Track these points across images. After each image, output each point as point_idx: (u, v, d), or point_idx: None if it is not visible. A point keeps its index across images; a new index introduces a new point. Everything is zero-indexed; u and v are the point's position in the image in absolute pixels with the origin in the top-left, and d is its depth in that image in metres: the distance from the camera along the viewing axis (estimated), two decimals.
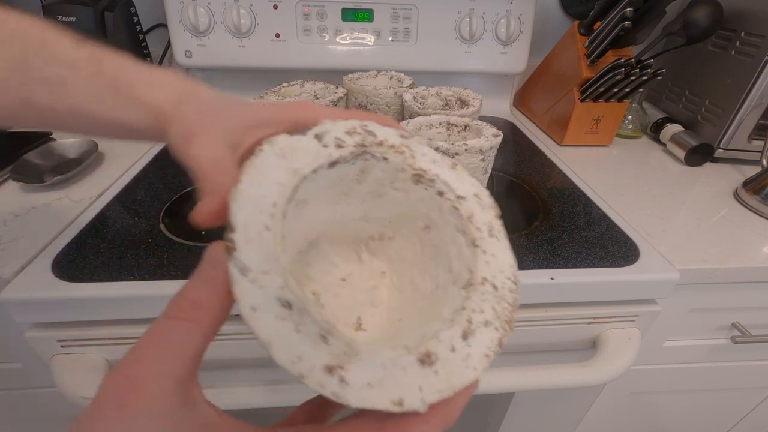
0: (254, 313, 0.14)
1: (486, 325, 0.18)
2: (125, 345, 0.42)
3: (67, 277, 0.39)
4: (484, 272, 0.19)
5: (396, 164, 0.21)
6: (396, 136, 0.21)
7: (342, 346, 0.15)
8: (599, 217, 0.53)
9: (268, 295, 0.15)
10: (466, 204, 0.21)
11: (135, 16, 0.74)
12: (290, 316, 0.14)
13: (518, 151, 0.73)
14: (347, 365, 0.14)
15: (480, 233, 0.20)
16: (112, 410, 0.13)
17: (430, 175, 0.21)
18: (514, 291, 0.19)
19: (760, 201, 0.58)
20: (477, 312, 0.18)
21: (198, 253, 0.43)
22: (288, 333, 0.14)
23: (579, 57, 0.72)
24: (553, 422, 0.65)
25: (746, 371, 0.64)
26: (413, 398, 0.15)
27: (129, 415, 0.13)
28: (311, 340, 0.14)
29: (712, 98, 0.73)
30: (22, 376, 0.50)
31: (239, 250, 0.15)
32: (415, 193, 0.21)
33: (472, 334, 0.17)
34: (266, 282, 0.15)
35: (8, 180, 0.56)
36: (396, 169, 0.21)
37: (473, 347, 0.17)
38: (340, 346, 0.15)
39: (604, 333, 0.48)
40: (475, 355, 0.17)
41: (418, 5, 0.80)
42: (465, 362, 0.16)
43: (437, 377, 0.16)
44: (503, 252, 0.21)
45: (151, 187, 0.56)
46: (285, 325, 0.14)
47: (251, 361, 0.46)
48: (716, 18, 0.66)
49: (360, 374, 0.15)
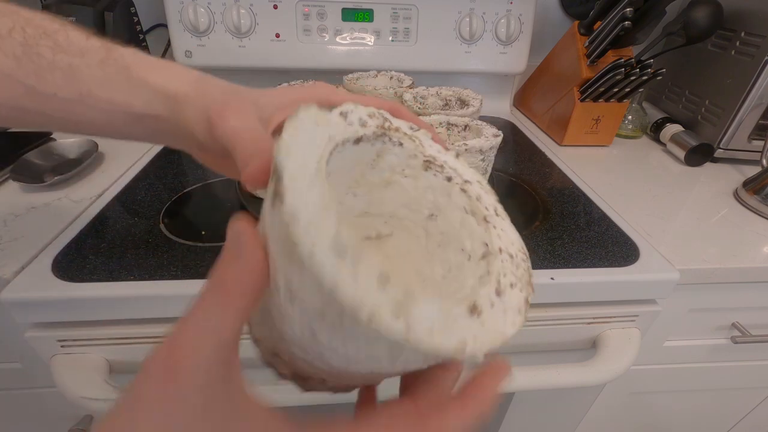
0: (313, 259, 0.14)
1: (512, 287, 0.18)
2: (125, 345, 0.42)
3: (67, 277, 0.39)
4: (498, 244, 0.20)
5: (409, 150, 0.22)
6: (407, 127, 0.23)
7: (400, 292, 0.14)
8: (599, 217, 0.53)
9: (322, 242, 0.14)
10: (473, 187, 0.22)
11: (135, 16, 0.74)
12: (346, 263, 0.14)
13: (518, 151, 0.73)
14: (409, 310, 0.14)
15: (488, 212, 0.21)
16: (159, 372, 0.14)
17: (440, 161, 0.22)
18: (526, 260, 0.20)
19: (760, 201, 0.58)
20: (502, 275, 0.18)
21: (198, 253, 0.43)
22: (349, 279, 0.14)
23: (579, 57, 0.72)
24: (553, 422, 0.65)
25: (746, 371, 0.64)
26: (471, 346, 0.15)
27: (175, 377, 0.13)
28: (370, 286, 0.14)
29: (712, 98, 0.73)
30: (22, 376, 0.50)
31: (289, 199, 0.14)
32: (424, 180, 0.22)
33: (503, 293, 0.18)
34: (319, 229, 0.14)
35: (8, 180, 0.56)
36: (409, 155, 0.22)
37: (507, 303, 0.17)
38: (399, 292, 0.14)
39: (604, 333, 0.48)
40: (510, 310, 0.17)
41: (418, 5, 0.80)
42: (504, 316, 0.17)
43: (484, 328, 0.16)
44: (510, 228, 0.21)
45: (151, 187, 0.56)
46: (344, 271, 0.14)
47: (251, 361, 0.45)
48: (716, 18, 0.66)
49: (421, 320, 0.14)
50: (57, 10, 0.64)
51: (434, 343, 0.14)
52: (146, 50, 0.78)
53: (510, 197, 0.57)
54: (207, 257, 0.43)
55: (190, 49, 0.79)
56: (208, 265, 0.41)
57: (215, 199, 0.53)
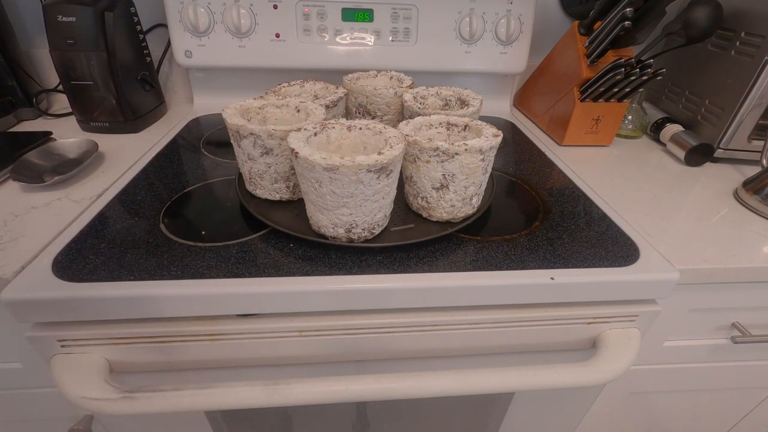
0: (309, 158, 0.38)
1: (392, 147, 0.41)
2: (125, 345, 0.42)
3: (67, 277, 0.39)
4: (388, 136, 0.44)
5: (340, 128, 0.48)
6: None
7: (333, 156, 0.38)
8: (599, 217, 0.53)
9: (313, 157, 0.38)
10: (378, 128, 0.46)
11: (135, 16, 0.74)
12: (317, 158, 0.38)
13: (518, 151, 0.73)
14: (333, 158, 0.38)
15: (386, 132, 0.45)
16: None
17: (359, 125, 0.47)
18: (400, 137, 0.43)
19: (760, 201, 0.58)
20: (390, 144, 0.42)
21: (198, 253, 0.43)
22: (318, 158, 0.38)
23: (579, 57, 0.72)
24: (553, 422, 0.65)
25: (746, 371, 0.64)
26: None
27: None
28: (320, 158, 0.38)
29: (712, 98, 0.73)
30: (22, 376, 0.50)
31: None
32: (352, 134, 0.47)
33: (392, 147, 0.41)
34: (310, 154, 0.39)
35: (8, 180, 0.56)
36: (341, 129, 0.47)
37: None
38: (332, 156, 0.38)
39: (604, 333, 0.48)
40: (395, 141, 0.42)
41: (418, 5, 0.80)
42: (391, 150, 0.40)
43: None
44: (394, 129, 0.46)
45: (151, 187, 0.56)
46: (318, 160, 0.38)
47: (251, 361, 0.46)
48: (716, 18, 0.66)
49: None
50: (57, 10, 0.64)
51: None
52: (146, 50, 0.78)
53: (510, 197, 0.57)
54: (207, 257, 0.43)
55: (190, 49, 0.79)
56: (208, 265, 0.41)
57: (215, 199, 0.53)
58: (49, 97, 0.86)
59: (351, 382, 0.41)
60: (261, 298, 0.40)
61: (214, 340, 0.43)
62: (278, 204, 0.51)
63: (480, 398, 0.58)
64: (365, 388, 0.41)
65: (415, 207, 0.49)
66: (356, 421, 0.59)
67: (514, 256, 0.45)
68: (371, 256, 0.44)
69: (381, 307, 0.43)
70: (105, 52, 0.67)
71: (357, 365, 0.50)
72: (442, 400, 0.57)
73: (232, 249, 0.44)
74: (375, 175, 0.39)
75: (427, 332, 0.45)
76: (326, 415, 0.57)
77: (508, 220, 0.51)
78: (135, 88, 0.75)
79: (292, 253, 0.44)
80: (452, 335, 0.46)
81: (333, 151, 0.46)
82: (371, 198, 0.41)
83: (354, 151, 0.46)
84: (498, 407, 0.60)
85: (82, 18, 0.65)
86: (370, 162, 0.37)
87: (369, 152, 0.45)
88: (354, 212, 0.41)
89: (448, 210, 0.47)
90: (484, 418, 0.61)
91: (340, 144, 0.46)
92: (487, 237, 0.48)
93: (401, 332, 0.45)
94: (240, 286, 0.39)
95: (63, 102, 0.84)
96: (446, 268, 0.43)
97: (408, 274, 0.42)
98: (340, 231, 0.43)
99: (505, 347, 0.48)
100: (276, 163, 0.47)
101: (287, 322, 0.43)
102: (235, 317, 0.43)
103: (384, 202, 0.43)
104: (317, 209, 0.42)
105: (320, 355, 0.46)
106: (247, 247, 0.44)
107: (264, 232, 0.47)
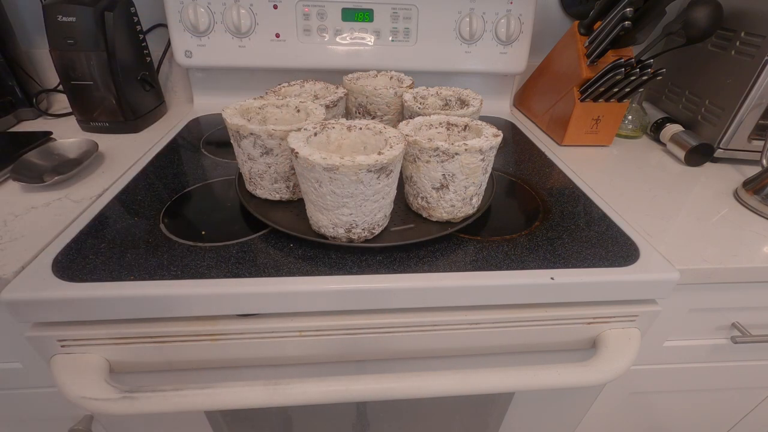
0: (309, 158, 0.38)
1: (392, 147, 0.41)
2: (125, 345, 0.42)
3: (67, 277, 0.39)
4: (388, 136, 0.44)
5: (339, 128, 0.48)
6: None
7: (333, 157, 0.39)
8: (599, 217, 0.53)
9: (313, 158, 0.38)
10: (378, 128, 0.46)
11: (135, 16, 0.74)
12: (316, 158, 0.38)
13: (518, 151, 0.73)
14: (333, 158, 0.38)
15: (386, 132, 0.45)
16: None
17: (359, 125, 0.47)
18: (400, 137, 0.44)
19: (760, 201, 0.58)
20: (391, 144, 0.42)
21: (198, 253, 0.43)
22: (317, 157, 0.38)
23: (579, 57, 0.72)
24: (553, 422, 0.65)
25: (746, 371, 0.64)
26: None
27: None
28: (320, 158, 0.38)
29: (712, 98, 0.73)
30: (22, 376, 0.50)
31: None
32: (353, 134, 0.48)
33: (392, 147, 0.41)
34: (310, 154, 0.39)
35: (8, 180, 0.56)
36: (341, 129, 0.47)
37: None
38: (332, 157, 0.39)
39: (604, 333, 0.48)
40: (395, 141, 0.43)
41: (418, 5, 0.80)
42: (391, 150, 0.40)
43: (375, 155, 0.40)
44: (394, 129, 0.46)
45: (151, 187, 0.56)
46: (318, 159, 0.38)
47: (251, 361, 0.46)
48: (716, 18, 0.66)
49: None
50: (57, 10, 0.64)
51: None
52: (146, 50, 0.78)
53: (510, 197, 0.57)
54: (207, 257, 0.43)
55: (190, 49, 0.79)
56: (208, 265, 0.41)
57: (215, 199, 0.53)
58: (49, 97, 0.86)
59: (351, 382, 0.41)
60: (261, 298, 0.40)
61: (215, 340, 0.43)
62: (278, 204, 0.51)
63: (480, 398, 0.58)
64: (365, 388, 0.41)
65: (415, 207, 0.49)
66: (356, 421, 0.59)
67: (514, 256, 0.45)
68: (371, 256, 0.44)
69: (381, 307, 0.43)
70: (105, 52, 0.67)
71: (357, 365, 0.50)
72: (442, 400, 0.57)
73: (232, 249, 0.44)
74: (375, 175, 0.39)
75: (427, 332, 0.45)
76: (326, 415, 0.57)
77: (508, 220, 0.51)
78: (135, 88, 0.75)
79: (292, 253, 0.44)
80: (452, 335, 0.46)
81: (333, 151, 0.46)
82: (371, 198, 0.41)
83: (354, 151, 0.46)
84: (498, 407, 0.60)
85: (82, 18, 0.65)
86: (370, 162, 0.37)
87: (369, 152, 0.45)
88: (354, 212, 0.41)
89: (448, 210, 0.47)
90: (484, 418, 0.61)
91: (340, 144, 0.46)
92: (487, 237, 0.48)
93: (401, 332, 0.45)
94: (240, 286, 0.39)
95: (63, 102, 0.84)
96: (446, 268, 0.43)
97: (408, 274, 0.42)
98: (340, 231, 0.43)
99: (505, 347, 0.48)
100: (276, 163, 0.47)
101: (287, 322, 0.43)
102: (235, 317, 0.43)
103: (384, 202, 0.43)
104: (317, 209, 0.42)
105: (320, 355, 0.46)
106: (247, 247, 0.44)
107: (264, 232, 0.47)
